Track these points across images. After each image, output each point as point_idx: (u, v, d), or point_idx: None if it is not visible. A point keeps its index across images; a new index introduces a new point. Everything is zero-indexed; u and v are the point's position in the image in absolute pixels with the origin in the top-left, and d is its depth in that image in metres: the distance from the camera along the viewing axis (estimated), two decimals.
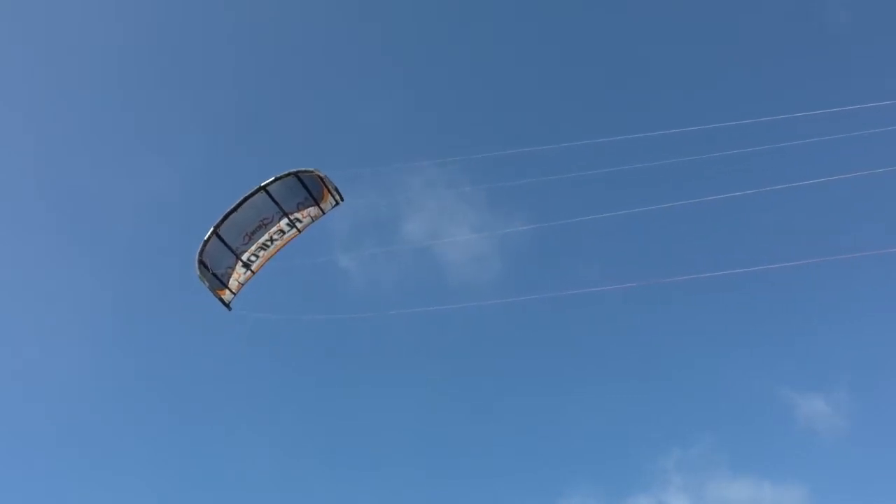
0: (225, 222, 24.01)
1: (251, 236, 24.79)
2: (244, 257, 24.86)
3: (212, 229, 23.86)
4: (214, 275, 24.24)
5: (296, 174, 23.94)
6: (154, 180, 56.00)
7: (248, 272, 25.09)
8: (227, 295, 24.66)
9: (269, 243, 25.11)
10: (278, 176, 23.95)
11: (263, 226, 24.81)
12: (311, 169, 23.86)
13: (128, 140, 56.55)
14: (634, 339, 56.09)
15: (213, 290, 24.31)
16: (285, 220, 24.93)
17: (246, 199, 23.92)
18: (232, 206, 23.91)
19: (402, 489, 50.83)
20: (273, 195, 24.22)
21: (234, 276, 24.89)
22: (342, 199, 24.47)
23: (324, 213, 25.04)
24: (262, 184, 23.90)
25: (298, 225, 25.13)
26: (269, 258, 25.28)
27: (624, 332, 56.10)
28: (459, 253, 52.43)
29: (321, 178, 23.96)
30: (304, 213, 25.00)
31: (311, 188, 24.39)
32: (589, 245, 55.13)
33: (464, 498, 51.33)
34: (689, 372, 54.55)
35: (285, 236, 25.25)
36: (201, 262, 23.77)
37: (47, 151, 55.07)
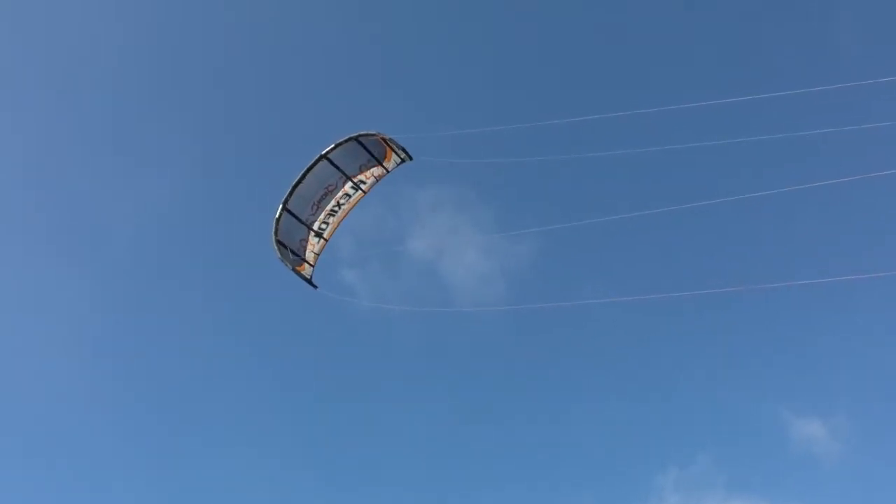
0: (292, 196, 23.71)
1: (318, 205, 24.49)
2: (315, 227, 24.64)
3: (281, 206, 23.53)
4: (292, 251, 24.13)
5: (356, 138, 23.43)
6: (153, 184, 54.76)
7: (322, 240, 24.90)
8: (306, 269, 24.57)
9: (336, 209, 24.83)
10: (338, 142, 23.46)
11: (329, 192, 24.49)
12: (372, 132, 23.28)
13: (127, 145, 54.81)
14: (634, 359, 55.05)
15: (295, 268, 24.22)
16: (349, 184, 24.56)
17: (308, 169, 23.55)
18: (296, 179, 23.54)
19: (400, 501, 51.35)
20: (335, 161, 23.79)
21: (309, 247, 24.73)
22: (410, 158, 23.97)
23: (388, 171, 24.59)
24: (323, 151, 23.47)
25: (363, 186, 24.74)
26: (339, 223, 25.05)
27: (624, 351, 55.32)
28: (465, 271, 51.57)
29: (384, 140, 23.38)
30: (368, 173, 24.58)
31: (372, 150, 23.90)
32: (593, 267, 54.19)
33: None
34: (688, 391, 54.05)
35: (352, 199, 24.92)
36: (279, 242, 23.58)
37: (44, 156, 53.47)
